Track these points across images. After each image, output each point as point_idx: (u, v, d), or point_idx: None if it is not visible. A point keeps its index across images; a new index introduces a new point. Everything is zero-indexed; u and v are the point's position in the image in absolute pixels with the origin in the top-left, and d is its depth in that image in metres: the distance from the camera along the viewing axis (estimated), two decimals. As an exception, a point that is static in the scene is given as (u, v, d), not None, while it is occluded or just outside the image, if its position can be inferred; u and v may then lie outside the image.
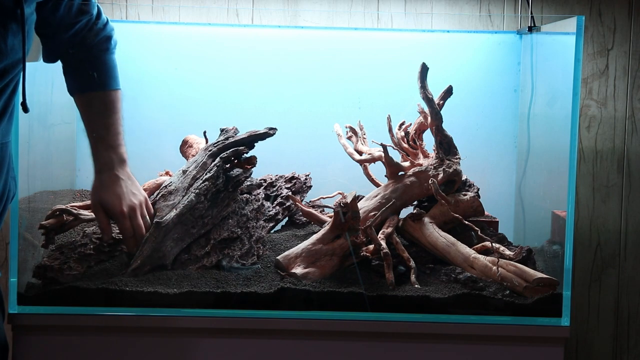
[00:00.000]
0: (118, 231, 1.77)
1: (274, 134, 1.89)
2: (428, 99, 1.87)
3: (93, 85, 1.66)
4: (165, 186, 1.83)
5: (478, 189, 1.98)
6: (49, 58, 1.65)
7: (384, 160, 1.92)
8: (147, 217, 1.71)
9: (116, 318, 1.65)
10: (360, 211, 1.80)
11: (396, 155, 1.97)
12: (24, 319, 1.64)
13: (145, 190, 1.91)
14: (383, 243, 1.74)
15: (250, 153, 1.87)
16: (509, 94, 2.22)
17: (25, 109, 1.46)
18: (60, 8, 1.55)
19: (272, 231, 2.02)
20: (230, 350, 1.68)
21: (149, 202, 1.74)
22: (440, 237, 1.82)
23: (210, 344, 1.67)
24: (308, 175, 2.15)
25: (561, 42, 1.84)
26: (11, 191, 1.54)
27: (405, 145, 1.97)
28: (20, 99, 1.45)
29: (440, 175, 1.87)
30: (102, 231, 1.69)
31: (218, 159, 1.83)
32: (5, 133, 1.46)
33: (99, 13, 1.65)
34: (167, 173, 2.04)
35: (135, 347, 1.67)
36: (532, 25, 2.12)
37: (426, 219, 1.87)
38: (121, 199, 1.64)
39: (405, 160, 1.97)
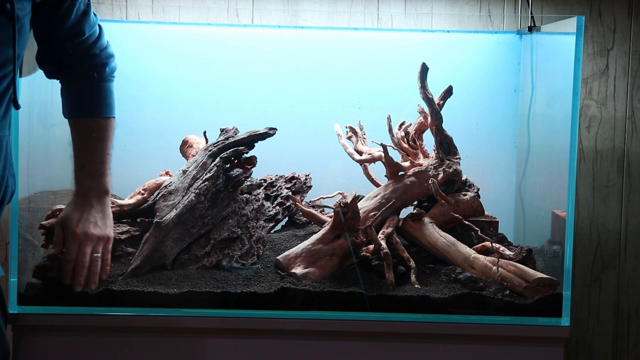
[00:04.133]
0: (119, 232, 1.77)
1: (274, 134, 1.89)
2: (428, 99, 1.87)
3: (82, 111, 1.63)
4: (165, 186, 1.83)
5: (478, 189, 1.98)
6: (43, 66, 1.63)
7: (384, 160, 1.92)
8: (105, 257, 1.62)
9: (116, 318, 1.65)
10: (360, 211, 1.80)
11: (396, 155, 1.97)
12: (24, 319, 1.64)
13: (145, 190, 1.91)
14: (383, 243, 1.74)
15: (250, 153, 1.88)
16: (509, 94, 2.22)
17: (16, 106, 1.45)
18: (62, 9, 1.54)
19: (272, 231, 2.02)
20: (230, 350, 1.68)
21: (109, 245, 1.64)
22: (440, 237, 1.82)
23: (211, 344, 1.67)
24: (308, 175, 2.15)
25: (561, 42, 1.84)
26: (9, 188, 1.53)
27: (405, 145, 1.97)
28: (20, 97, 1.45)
29: (440, 175, 1.87)
30: (53, 245, 1.62)
31: (218, 159, 1.83)
32: (0, 127, 1.46)
33: (100, 35, 1.62)
34: (167, 173, 2.04)
35: (135, 347, 1.67)
36: (532, 25, 2.12)
37: (426, 219, 1.87)
38: (80, 222, 1.58)
39: (405, 160, 1.97)
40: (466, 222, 1.79)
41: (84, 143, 1.62)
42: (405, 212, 1.93)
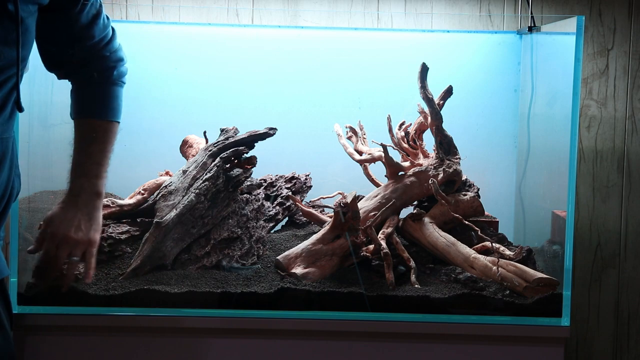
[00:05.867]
0: (119, 232, 1.77)
1: (274, 134, 1.89)
2: (428, 99, 1.87)
3: (85, 112, 1.60)
4: (165, 186, 1.83)
5: (478, 189, 1.98)
6: (54, 69, 1.62)
7: (384, 160, 1.93)
8: (88, 260, 1.53)
9: (116, 318, 1.65)
10: (360, 211, 1.80)
11: (396, 155, 1.97)
12: (24, 319, 1.64)
13: (145, 190, 1.91)
14: (383, 243, 1.74)
15: (250, 153, 1.88)
16: (509, 94, 2.22)
17: (20, 109, 1.45)
18: (71, 12, 1.52)
19: (272, 231, 2.02)
20: (230, 350, 1.68)
21: (93, 250, 1.55)
22: (440, 237, 1.82)
23: (210, 344, 1.67)
24: (308, 175, 2.15)
25: (561, 42, 1.84)
26: (15, 189, 1.53)
27: (405, 145, 1.97)
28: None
29: (440, 175, 1.87)
30: (35, 241, 1.55)
31: (218, 159, 1.83)
32: (5, 129, 1.46)
33: (112, 38, 1.60)
34: (167, 173, 2.04)
35: (135, 347, 1.67)
36: (532, 25, 2.12)
37: (426, 219, 1.87)
38: (63, 223, 1.52)
39: (405, 160, 1.97)
40: (466, 222, 1.79)
41: (82, 143, 1.60)
42: (405, 212, 1.93)
